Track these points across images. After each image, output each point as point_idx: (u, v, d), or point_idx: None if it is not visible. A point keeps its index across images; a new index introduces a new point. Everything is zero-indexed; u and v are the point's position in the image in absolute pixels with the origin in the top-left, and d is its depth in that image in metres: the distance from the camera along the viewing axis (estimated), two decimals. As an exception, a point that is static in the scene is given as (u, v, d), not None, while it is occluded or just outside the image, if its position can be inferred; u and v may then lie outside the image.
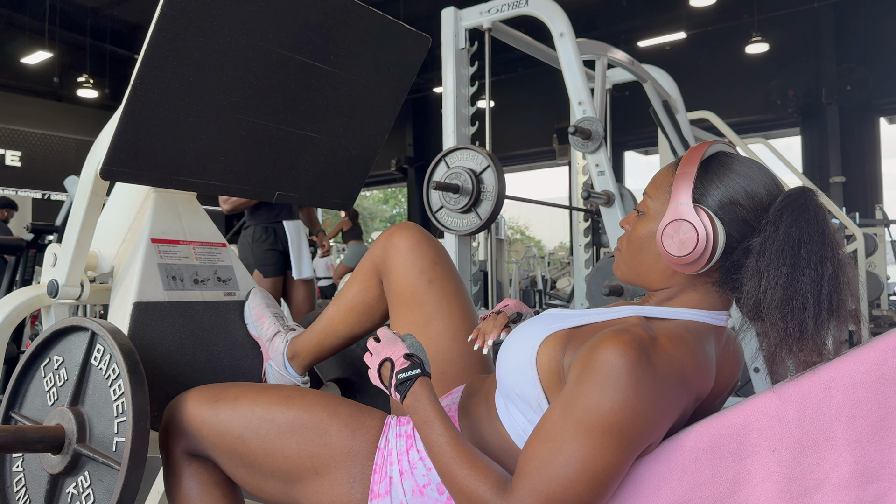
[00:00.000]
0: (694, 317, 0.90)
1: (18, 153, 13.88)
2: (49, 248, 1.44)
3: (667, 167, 0.95)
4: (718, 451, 0.81)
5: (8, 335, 1.53)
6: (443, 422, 0.88)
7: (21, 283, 2.81)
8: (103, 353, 1.12)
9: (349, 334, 1.32)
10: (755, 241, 0.85)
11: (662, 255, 0.89)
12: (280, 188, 1.38)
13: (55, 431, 1.10)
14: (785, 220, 0.82)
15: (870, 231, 6.26)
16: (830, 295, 0.80)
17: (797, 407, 0.79)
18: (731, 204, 0.87)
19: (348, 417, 1.02)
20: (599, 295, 2.07)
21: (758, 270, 0.82)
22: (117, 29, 12.25)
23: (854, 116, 10.32)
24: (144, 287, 1.30)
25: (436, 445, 0.87)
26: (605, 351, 0.79)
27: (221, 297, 1.43)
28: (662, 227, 0.88)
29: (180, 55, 1.11)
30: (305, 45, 1.25)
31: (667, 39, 10.74)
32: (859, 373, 0.77)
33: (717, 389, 0.93)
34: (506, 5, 2.37)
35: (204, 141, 1.22)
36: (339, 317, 1.31)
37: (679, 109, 3.35)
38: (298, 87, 1.28)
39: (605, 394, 0.77)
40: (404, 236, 1.25)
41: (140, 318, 1.26)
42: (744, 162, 0.90)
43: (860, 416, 0.76)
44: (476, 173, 1.97)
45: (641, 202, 0.96)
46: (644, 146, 12.68)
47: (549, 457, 0.79)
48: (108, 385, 1.10)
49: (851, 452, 0.76)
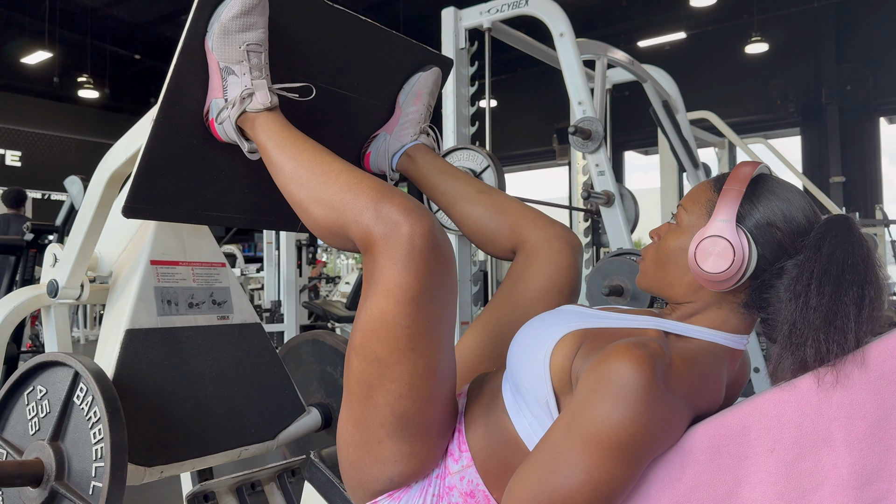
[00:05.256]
0: (714, 338, 0.90)
1: (18, 153, 13.87)
2: (49, 248, 1.44)
3: (706, 183, 0.95)
4: (717, 452, 0.80)
5: (8, 335, 1.53)
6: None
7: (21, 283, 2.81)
8: (86, 394, 1.13)
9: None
10: (789, 264, 0.85)
11: (692, 269, 0.88)
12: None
13: (34, 467, 1.11)
14: (829, 242, 0.82)
15: (870, 231, 6.26)
16: (871, 314, 0.79)
17: (796, 408, 0.79)
18: (767, 226, 0.86)
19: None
20: (599, 295, 2.07)
21: (795, 293, 0.82)
22: (117, 29, 12.24)
23: (854, 116, 10.31)
24: (138, 313, 1.32)
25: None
26: (620, 364, 0.78)
27: (214, 321, 1.45)
28: (698, 240, 0.88)
29: (204, 87, 1.08)
30: (329, 72, 1.22)
31: (667, 39, 10.73)
32: (859, 373, 0.77)
33: (722, 405, 0.93)
34: (506, 5, 2.37)
35: (228, 173, 1.18)
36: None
37: (679, 109, 3.35)
38: (322, 114, 1.25)
39: (616, 408, 0.76)
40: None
41: (130, 345, 1.29)
42: (784, 186, 0.90)
43: (859, 417, 0.76)
44: (476, 173, 1.97)
45: (676, 214, 0.96)
46: (644, 146, 12.66)
47: (553, 466, 0.78)
48: (88, 427, 1.12)
49: (850, 454, 0.76)
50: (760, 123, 10.91)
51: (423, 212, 0.88)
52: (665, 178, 5.37)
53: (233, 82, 1.05)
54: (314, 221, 0.96)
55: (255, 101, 1.04)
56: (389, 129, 1.35)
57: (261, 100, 1.04)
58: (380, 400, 0.89)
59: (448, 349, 0.92)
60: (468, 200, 1.25)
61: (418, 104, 1.34)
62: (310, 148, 1.00)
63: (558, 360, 0.89)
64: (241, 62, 1.04)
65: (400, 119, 1.34)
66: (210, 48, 1.05)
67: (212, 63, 1.06)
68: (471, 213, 1.24)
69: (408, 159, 1.31)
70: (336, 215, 0.92)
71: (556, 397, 0.89)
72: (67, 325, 1.61)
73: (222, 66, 1.05)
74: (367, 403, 0.90)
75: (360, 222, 0.88)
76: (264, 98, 1.04)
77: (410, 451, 0.91)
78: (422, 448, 0.92)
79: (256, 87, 1.04)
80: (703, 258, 0.87)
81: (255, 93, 1.04)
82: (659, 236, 0.97)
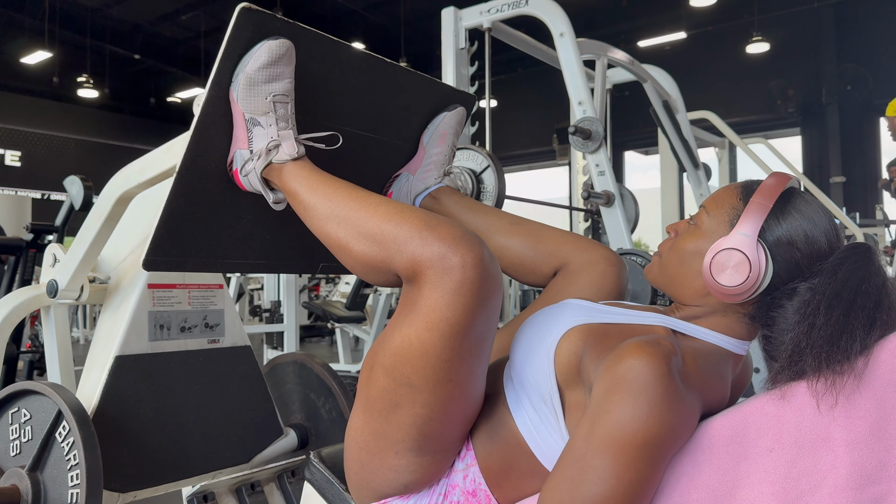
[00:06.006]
0: (718, 341, 0.89)
1: (18, 153, 13.89)
2: (49, 248, 1.44)
3: (733, 189, 0.92)
4: (716, 451, 0.80)
5: (8, 335, 1.53)
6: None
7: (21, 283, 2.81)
8: (67, 434, 1.16)
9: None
10: (802, 286, 0.83)
11: (705, 278, 0.87)
12: (324, 259, 1.29)
13: (10, 494, 1.16)
14: (846, 268, 0.81)
15: (870, 231, 6.26)
16: (879, 339, 0.78)
17: (795, 408, 0.79)
18: (788, 245, 0.85)
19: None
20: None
21: (803, 316, 0.81)
22: (117, 29, 12.25)
23: (854, 116, 10.32)
24: (129, 339, 1.33)
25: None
26: (635, 362, 0.77)
27: (204, 345, 1.46)
28: (716, 250, 0.86)
29: (228, 137, 1.04)
30: (353, 115, 1.19)
31: (667, 39, 10.74)
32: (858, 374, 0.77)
33: (727, 406, 0.93)
34: (506, 5, 2.37)
35: (249, 220, 1.14)
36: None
37: (679, 109, 3.35)
38: (344, 155, 1.20)
39: (637, 407, 0.75)
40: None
41: (118, 372, 1.31)
42: (811, 204, 0.88)
43: (858, 418, 0.76)
44: (476, 173, 1.97)
45: (696, 214, 0.94)
46: (644, 146, 12.68)
47: (581, 476, 0.76)
48: (66, 467, 1.15)
49: (849, 454, 0.76)
50: (760, 123, 10.92)
51: (473, 239, 0.83)
52: (665, 179, 5.38)
53: (258, 134, 1.01)
54: (354, 259, 0.91)
55: (282, 152, 1.01)
56: (412, 170, 1.31)
57: (287, 151, 1.00)
58: (405, 420, 0.86)
59: (483, 373, 0.90)
60: (503, 233, 1.21)
61: (442, 145, 1.31)
62: (343, 186, 0.96)
63: (563, 354, 0.88)
64: (266, 113, 1.00)
65: (424, 160, 1.31)
66: (235, 99, 1.00)
67: (236, 114, 1.02)
68: (507, 246, 1.20)
69: (432, 200, 1.28)
70: (378, 248, 0.87)
71: (560, 393, 0.88)
72: (67, 325, 1.61)
73: (247, 118, 1.01)
74: (390, 419, 0.87)
75: (404, 252, 0.84)
76: (291, 149, 1.01)
77: (431, 461, 0.90)
78: (442, 459, 0.91)
79: (283, 137, 1.01)
80: (718, 270, 0.85)
81: (281, 144, 1.01)
82: (676, 233, 0.96)
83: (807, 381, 0.78)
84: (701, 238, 0.90)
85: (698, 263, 0.90)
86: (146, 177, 1.27)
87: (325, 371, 1.72)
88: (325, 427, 1.70)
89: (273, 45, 0.98)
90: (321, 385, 1.72)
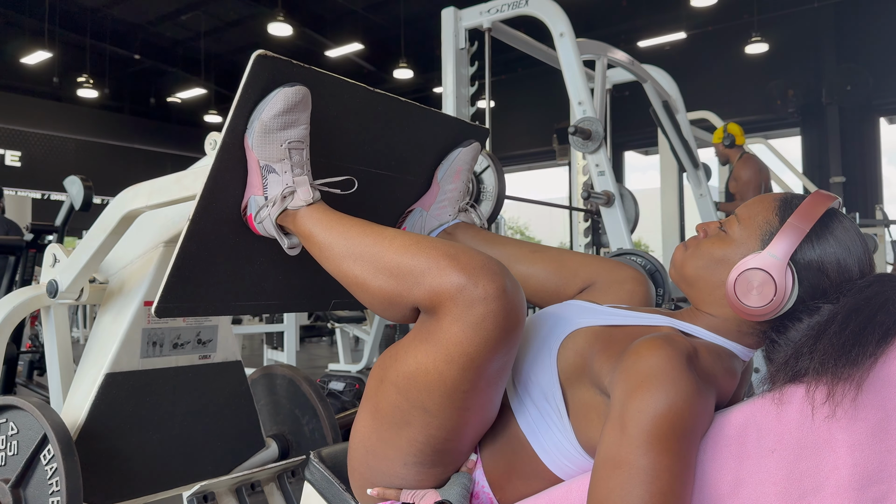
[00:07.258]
0: (725, 345, 0.89)
1: (18, 153, 13.89)
2: (49, 248, 1.44)
3: (770, 200, 0.88)
4: (718, 452, 0.80)
5: (7, 335, 1.53)
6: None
7: (21, 283, 2.81)
8: (52, 459, 1.18)
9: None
10: (825, 307, 0.81)
11: (727, 293, 0.85)
12: (336, 296, 1.29)
13: None
14: (872, 288, 0.79)
15: (870, 231, 6.26)
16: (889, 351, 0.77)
17: (797, 409, 0.79)
18: (818, 271, 0.82)
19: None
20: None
21: (819, 329, 0.79)
22: (117, 29, 12.24)
23: (854, 116, 10.31)
24: (121, 357, 1.34)
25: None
26: (653, 357, 0.76)
27: (195, 361, 1.47)
28: (743, 267, 0.83)
29: (242, 182, 1.04)
30: (368, 155, 1.18)
31: (667, 39, 10.73)
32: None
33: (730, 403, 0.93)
34: (506, 5, 2.37)
35: (261, 262, 1.13)
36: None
37: (679, 109, 3.35)
38: (358, 194, 1.18)
39: (667, 397, 0.74)
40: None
41: (107, 389, 1.32)
42: (849, 231, 0.84)
43: (860, 419, 0.76)
44: (476, 173, 1.97)
45: (728, 220, 0.91)
46: (644, 146, 12.67)
47: (629, 479, 0.73)
48: (48, 491, 1.18)
49: (851, 455, 0.76)
50: (760, 123, 10.91)
51: (495, 268, 0.80)
52: (665, 179, 5.38)
53: (273, 181, 1.00)
54: (372, 296, 0.89)
55: (297, 198, 1.00)
56: (426, 205, 1.30)
57: (303, 197, 1.00)
58: (417, 437, 0.86)
59: (499, 396, 0.89)
60: (524, 262, 1.19)
61: (457, 182, 1.29)
62: (358, 223, 0.96)
63: (568, 353, 0.88)
64: (282, 160, 0.99)
65: (438, 196, 1.30)
66: (250, 146, 1.00)
67: (251, 160, 1.01)
68: (530, 274, 1.18)
69: (448, 237, 1.26)
70: (395, 282, 0.85)
71: (561, 391, 0.88)
72: (67, 325, 1.61)
73: (262, 164, 1.00)
74: (401, 433, 0.87)
75: (422, 284, 0.82)
76: (306, 195, 1.00)
77: (441, 472, 0.91)
78: (450, 470, 0.92)
79: (298, 184, 1.00)
80: (743, 289, 0.83)
81: (296, 190, 1.00)
82: (706, 233, 0.93)
83: (806, 384, 0.78)
84: (730, 246, 0.88)
85: (722, 273, 0.87)
86: (153, 202, 1.27)
87: (313, 392, 1.73)
88: (305, 443, 1.73)
89: (289, 93, 0.97)
90: (307, 405, 1.74)
